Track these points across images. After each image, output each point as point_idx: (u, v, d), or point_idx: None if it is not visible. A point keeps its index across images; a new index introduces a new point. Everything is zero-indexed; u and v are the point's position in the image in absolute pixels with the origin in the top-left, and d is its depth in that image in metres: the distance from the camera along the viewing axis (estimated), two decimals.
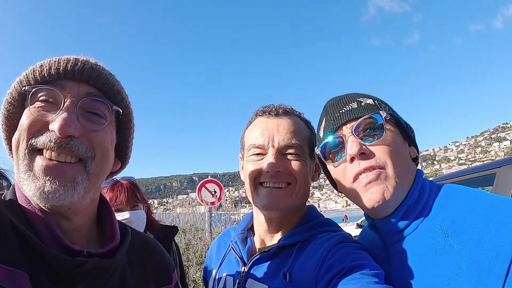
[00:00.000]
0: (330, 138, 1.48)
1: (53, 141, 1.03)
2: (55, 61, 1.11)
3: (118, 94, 1.22)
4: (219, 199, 10.99)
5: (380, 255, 1.46)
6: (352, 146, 1.38)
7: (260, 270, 1.59)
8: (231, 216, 12.94)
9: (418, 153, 1.55)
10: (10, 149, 1.15)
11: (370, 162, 1.36)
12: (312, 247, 1.51)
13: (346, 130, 1.44)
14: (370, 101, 1.49)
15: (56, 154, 1.05)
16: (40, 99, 1.09)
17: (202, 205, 11.36)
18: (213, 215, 11.45)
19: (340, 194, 1.61)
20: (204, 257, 8.85)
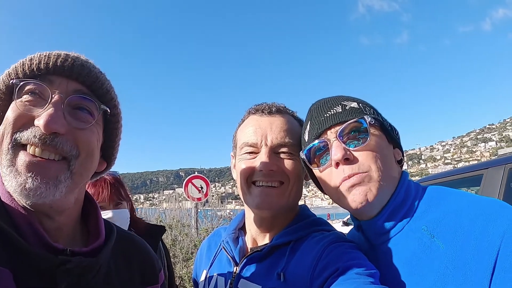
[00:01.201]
0: (314, 142, 1.47)
1: (38, 137, 1.01)
2: (45, 56, 1.08)
3: (107, 93, 1.20)
4: (206, 195, 11.03)
5: (369, 255, 1.44)
6: (336, 151, 1.38)
7: (253, 270, 1.56)
8: (217, 212, 12.93)
9: (403, 155, 1.56)
10: None
11: (354, 168, 1.36)
12: (305, 246, 1.48)
13: (331, 134, 1.43)
14: (354, 104, 1.48)
15: (40, 150, 1.02)
16: (27, 93, 1.07)
17: (188, 200, 11.36)
18: (199, 210, 11.45)
19: (325, 196, 1.60)
20: (191, 253, 8.86)
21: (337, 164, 1.39)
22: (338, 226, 19.84)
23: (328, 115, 1.46)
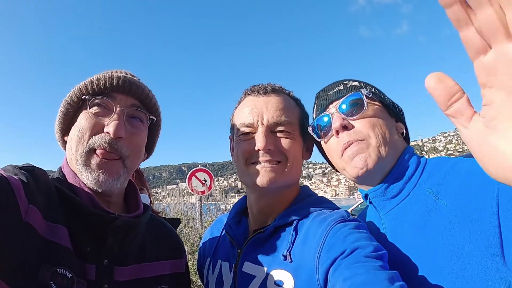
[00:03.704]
0: (320, 117, 1.62)
1: (107, 142, 1.37)
2: (109, 77, 1.43)
3: (154, 105, 1.58)
4: (210, 188, 10.96)
5: (376, 225, 1.54)
6: (335, 121, 1.52)
7: (257, 252, 1.55)
8: (221, 206, 12.90)
9: (406, 129, 1.65)
10: (62, 137, 1.53)
11: (351, 135, 1.49)
12: (310, 226, 1.46)
13: (333, 108, 1.58)
14: (355, 83, 1.63)
15: (107, 154, 1.38)
16: (96, 105, 1.42)
17: (192, 194, 11.35)
18: (203, 204, 11.45)
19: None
20: (196, 246, 8.88)
21: (337, 133, 1.52)
22: None
23: (331, 92, 1.63)
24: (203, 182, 10.80)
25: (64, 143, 1.53)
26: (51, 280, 1.16)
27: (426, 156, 1.58)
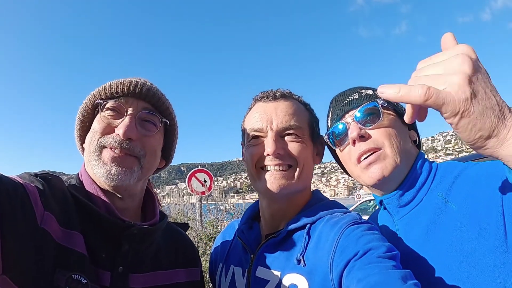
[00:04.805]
0: (336, 126, 1.66)
1: (117, 142, 1.39)
2: (121, 82, 1.46)
3: (167, 109, 1.59)
4: (209, 188, 10.91)
5: (390, 229, 1.60)
6: (352, 130, 1.56)
7: (270, 257, 1.55)
8: (220, 206, 12.84)
9: (418, 137, 1.72)
10: (81, 144, 1.56)
11: (369, 144, 1.54)
12: (323, 229, 1.46)
13: (349, 117, 1.62)
14: (370, 92, 1.67)
15: (119, 151, 1.40)
16: (108, 109, 1.45)
17: (191, 194, 11.33)
18: (203, 203, 11.42)
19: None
20: (196, 247, 8.86)
21: (354, 142, 1.57)
22: None
23: (346, 101, 1.67)
24: (203, 182, 10.75)
25: (84, 150, 1.53)
26: (66, 286, 1.17)
27: (425, 156, 1.62)
